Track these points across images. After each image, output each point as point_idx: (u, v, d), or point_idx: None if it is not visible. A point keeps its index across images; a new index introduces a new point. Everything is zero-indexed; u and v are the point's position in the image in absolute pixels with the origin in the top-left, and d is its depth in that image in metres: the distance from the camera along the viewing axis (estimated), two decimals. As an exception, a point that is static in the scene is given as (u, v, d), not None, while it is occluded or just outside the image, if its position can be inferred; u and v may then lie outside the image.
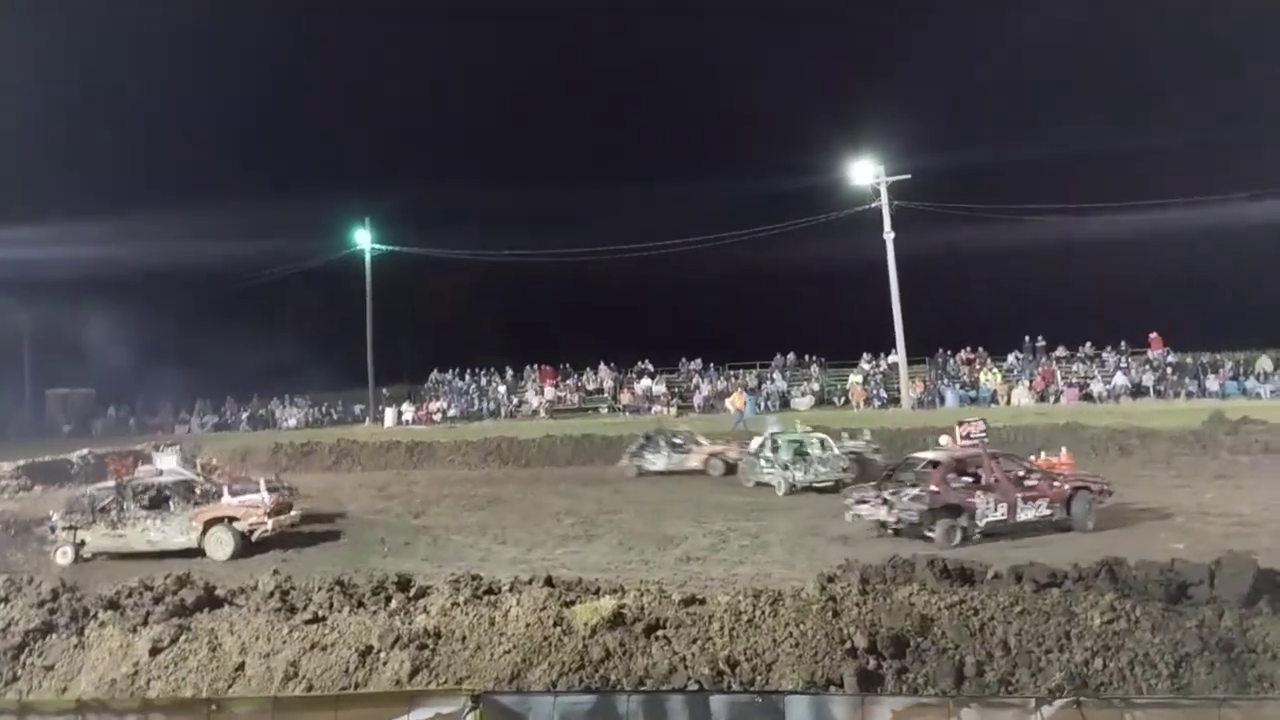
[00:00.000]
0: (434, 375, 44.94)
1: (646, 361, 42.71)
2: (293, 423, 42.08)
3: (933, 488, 15.66)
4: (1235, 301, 37.77)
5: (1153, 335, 38.76)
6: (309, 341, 40.01)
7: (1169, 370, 37.29)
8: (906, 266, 36.87)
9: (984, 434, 18.13)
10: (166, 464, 20.51)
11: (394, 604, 9.34)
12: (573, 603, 8.75)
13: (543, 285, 44.44)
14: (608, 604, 8.38)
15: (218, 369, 39.39)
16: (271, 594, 9.68)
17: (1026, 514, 16.04)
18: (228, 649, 8.72)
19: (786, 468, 22.09)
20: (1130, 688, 6.69)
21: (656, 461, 26.24)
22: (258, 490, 18.21)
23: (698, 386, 40.60)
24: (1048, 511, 16.14)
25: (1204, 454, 24.91)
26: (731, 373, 41.68)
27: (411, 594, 9.59)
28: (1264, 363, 36.63)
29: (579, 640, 7.90)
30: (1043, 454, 21.32)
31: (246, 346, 38.07)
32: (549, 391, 41.81)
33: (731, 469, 24.87)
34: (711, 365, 42.30)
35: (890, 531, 15.88)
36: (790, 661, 7.21)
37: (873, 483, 17.40)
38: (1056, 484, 16.56)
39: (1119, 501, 17.70)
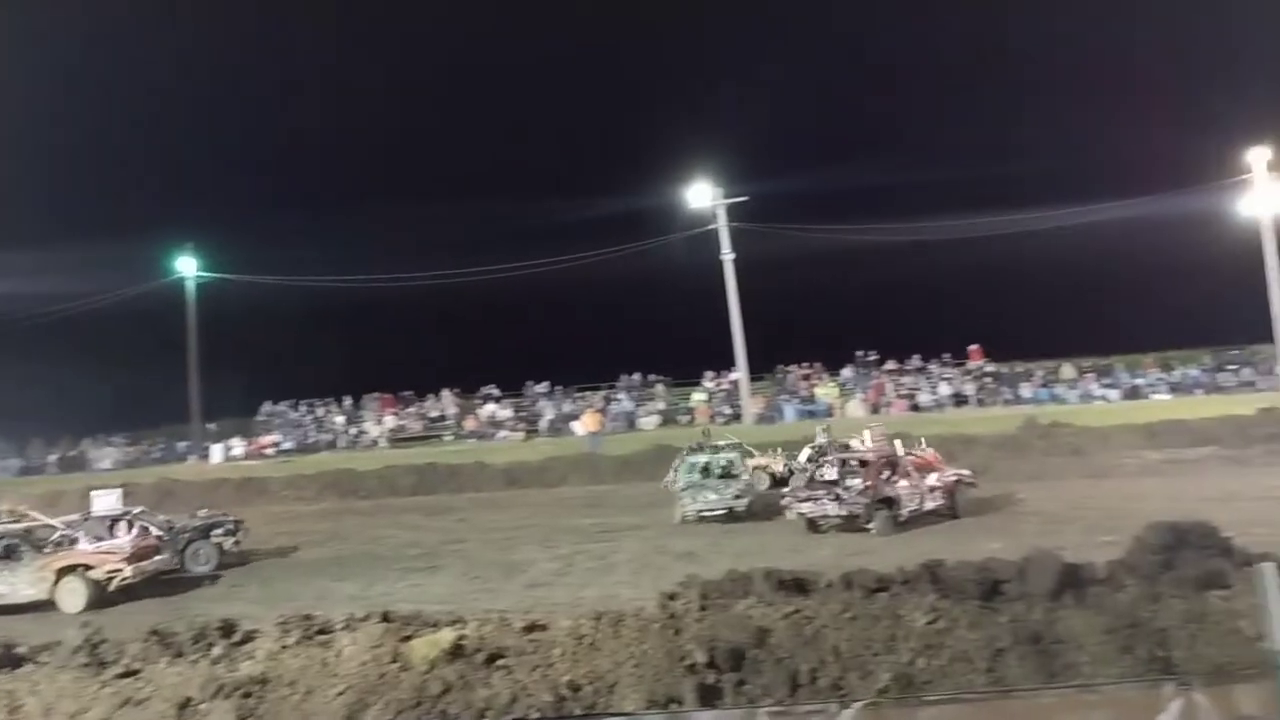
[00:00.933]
0: (266, 407, 42.96)
1: (492, 386, 42.17)
2: (108, 464, 39.33)
3: (870, 482, 17.54)
4: (1043, 314, 40.67)
5: (972, 347, 41.29)
6: (126, 376, 37.48)
7: (988, 380, 39.79)
8: (745, 286, 38.02)
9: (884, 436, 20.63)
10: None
11: (217, 651, 8.81)
12: (411, 637, 8.50)
13: (380, 311, 43.29)
14: (447, 636, 8.18)
15: (18, 411, 36.20)
16: (79, 649, 8.95)
17: (929, 504, 18.18)
18: (29, 711, 8.02)
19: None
20: (950, 684, 7.01)
21: None
22: (125, 533, 17.03)
23: (543, 410, 40.44)
24: (942, 501, 18.41)
25: (1019, 457, 26.63)
26: (578, 395, 41.72)
27: (236, 639, 9.07)
28: (1067, 370, 39.63)
29: (417, 676, 7.67)
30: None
31: (53, 385, 35.29)
32: (389, 420, 40.71)
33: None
34: (558, 388, 42.20)
35: (826, 528, 17.48)
36: (631, 682, 7.22)
37: (804, 483, 19.13)
38: (947, 478, 18.96)
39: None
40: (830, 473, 18.50)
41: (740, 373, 38.39)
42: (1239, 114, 39.73)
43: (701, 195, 37.82)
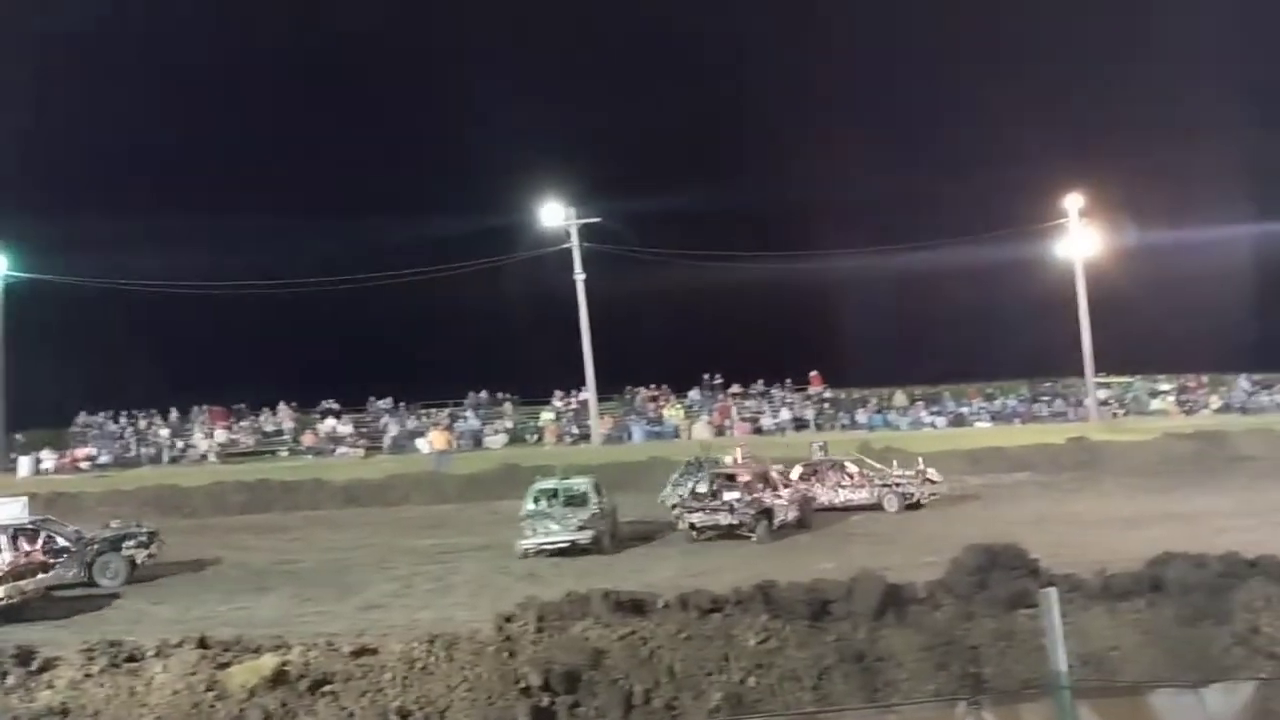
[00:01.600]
0: (82, 418, 39.97)
1: (331, 400, 40.66)
2: (-103, 475, 35.74)
3: (755, 495, 19.06)
4: (878, 344, 42.56)
5: (813, 374, 42.81)
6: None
7: (826, 405, 41.34)
8: (597, 306, 38.23)
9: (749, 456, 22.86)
10: None
11: (11, 680, 8.12)
12: (229, 664, 8.08)
13: (212, 320, 41.14)
14: (269, 662, 7.82)
15: None
16: None
17: (791, 515, 19.75)
18: None
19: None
20: (779, 702, 7.22)
21: None
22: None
23: (387, 426, 39.33)
24: (797, 514, 20.07)
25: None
26: (423, 411, 40.78)
27: (34, 667, 8.38)
28: (900, 398, 41.68)
29: (234, 705, 7.30)
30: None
31: None
32: (220, 434, 38.61)
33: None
34: (402, 404, 41.15)
35: (702, 536, 18.68)
36: (464, 706, 7.09)
37: (693, 495, 20.01)
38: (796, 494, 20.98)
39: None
40: (703, 487, 20.07)
41: (589, 393, 38.49)
42: (1057, 162, 43.00)
43: (554, 214, 37.83)
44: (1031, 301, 40.77)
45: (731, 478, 19.85)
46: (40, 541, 16.79)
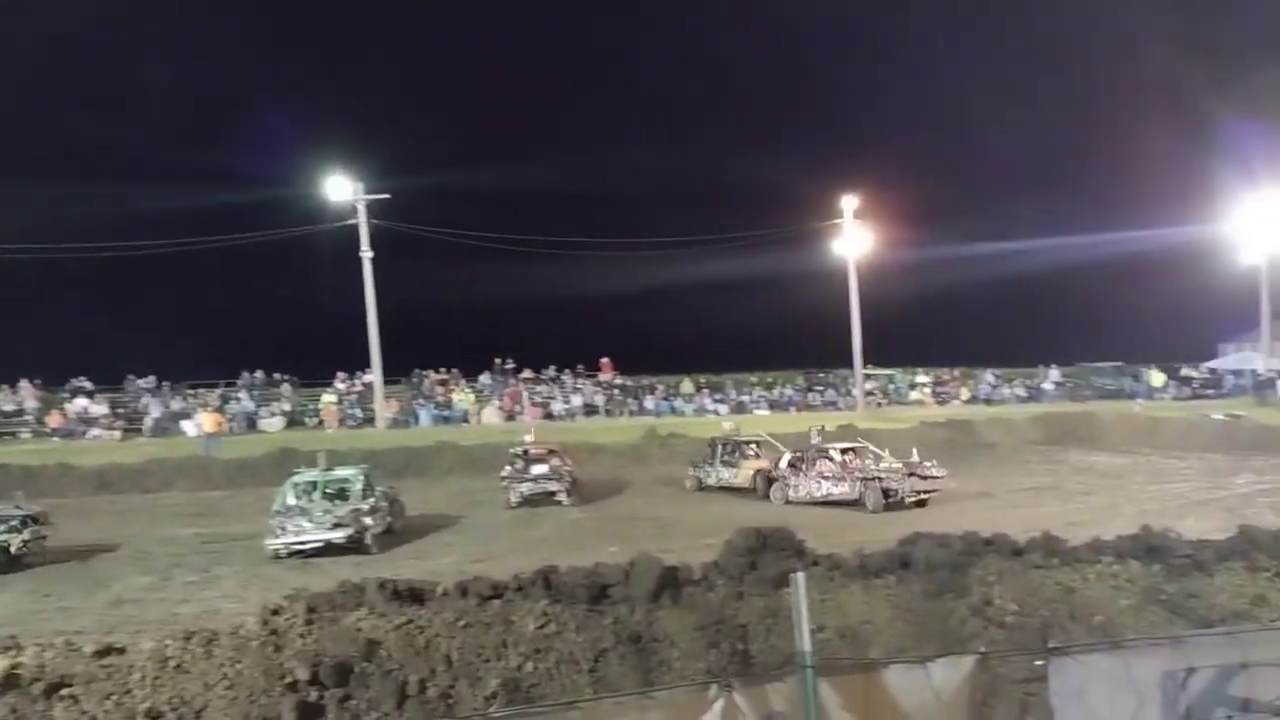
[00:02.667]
0: None
1: (82, 378, 37.21)
2: None
3: (570, 467, 22.33)
4: (665, 333, 43.83)
5: (604, 360, 43.45)
6: None
7: (616, 392, 42.05)
8: (387, 286, 37.05)
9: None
10: None
11: None
12: (-49, 668, 7.27)
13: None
14: (-2, 665, 7.09)
15: None
16: None
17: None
18: None
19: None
20: (556, 686, 7.27)
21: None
22: None
23: (148, 407, 36.47)
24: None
25: (641, 465, 28.45)
26: (190, 392, 38.11)
27: None
28: (686, 386, 43.05)
29: (-43, 713, 6.57)
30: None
31: None
32: (-51, 413, 34.62)
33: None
34: (165, 384, 38.28)
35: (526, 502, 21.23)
36: (223, 705, 6.69)
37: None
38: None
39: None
40: (520, 463, 22.38)
41: (375, 375, 37.29)
42: (838, 163, 45.69)
43: (341, 189, 36.30)
44: (808, 297, 43.25)
45: (540, 455, 22.77)
46: None
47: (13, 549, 15.97)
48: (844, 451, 21.76)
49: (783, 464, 22.16)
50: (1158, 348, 46.29)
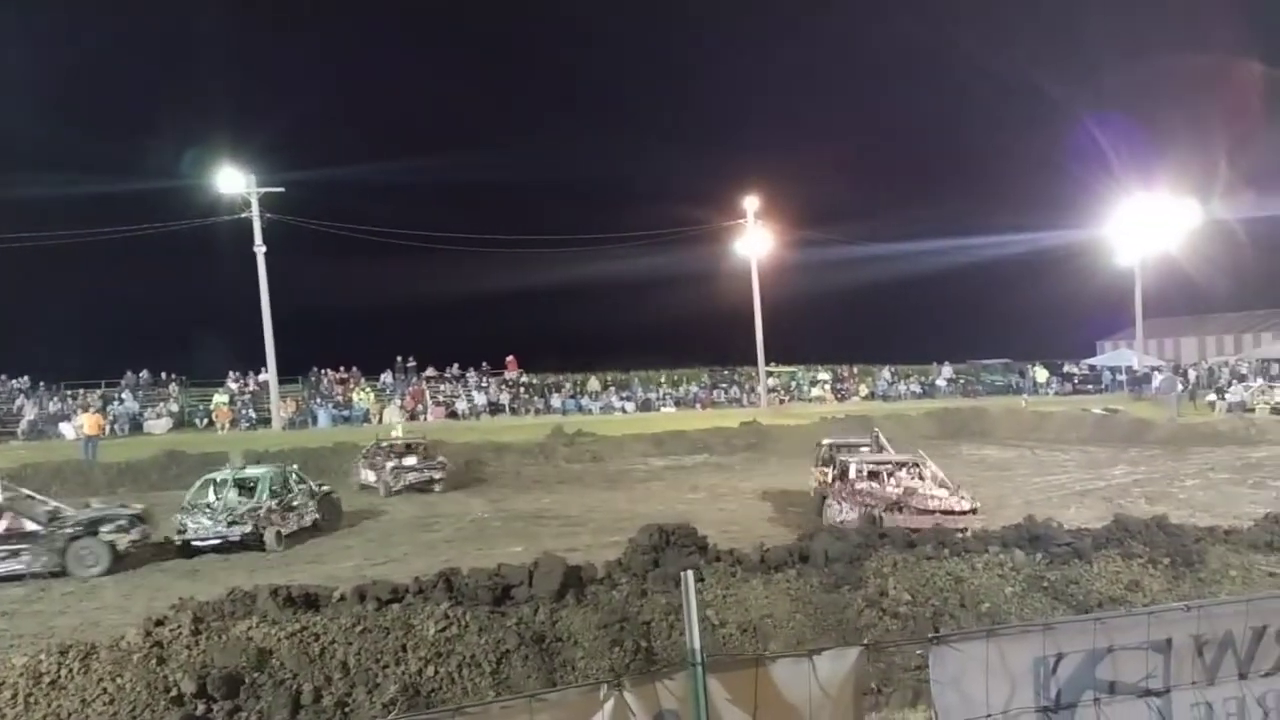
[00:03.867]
0: None
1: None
2: None
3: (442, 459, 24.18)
4: (572, 330, 43.78)
5: (509, 358, 43.13)
6: None
7: (522, 390, 41.77)
8: (283, 282, 36.03)
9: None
10: None
11: None
12: None
13: None
14: None
15: None
16: None
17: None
18: None
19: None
20: (458, 689, 7.19)
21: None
22: None
23: (22, 408, 34.65)
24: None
25: (546, 463, 28.30)
26: (69, 392, 36.35)
27: None
28: (593, 383, 43.06)
29: None
30: None
31: None
32: None
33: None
34: (41, 384, 36.42)
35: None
36: (103, 721, 6.42)
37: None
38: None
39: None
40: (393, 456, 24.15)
41: (270, 374, 36.22)
42: (740, 164, 46.30)
43: (233, 181, 35.11)
44: (712, 295, 43.76)
45: (411, 447, 24.98)
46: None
47: (120, 548, 15.43)
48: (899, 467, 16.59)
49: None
50: (1042, 345, 48.54)
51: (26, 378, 36.37)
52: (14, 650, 8.39)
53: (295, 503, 17.78)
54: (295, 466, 19.63)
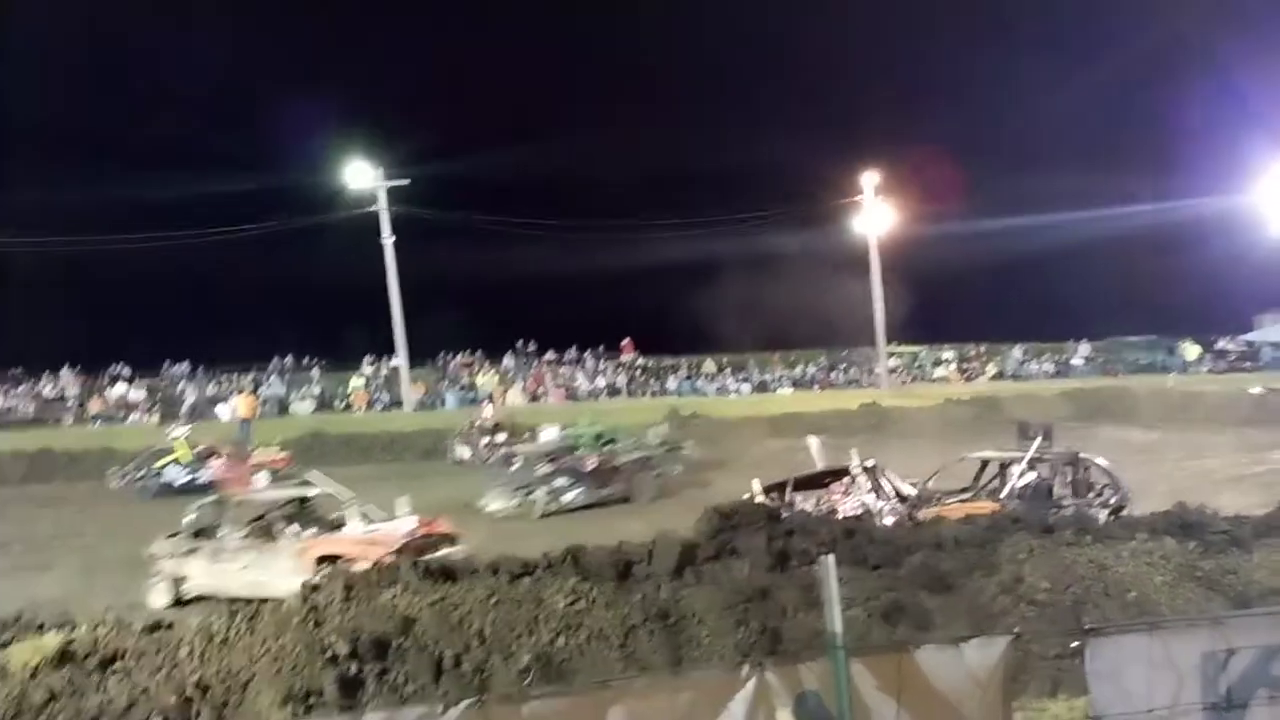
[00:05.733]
0: None
1: (121, 364, 37.86)
2: None
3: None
4: (687, 313, 43.65)
5: (625, 341, 43.55)
6: None
7: (638, 372, 42.17)
8: (408, 271, 37.29)
9: None
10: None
11: None
12: (9, 643, 7.55)
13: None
14: (52, 640, 7.34)
15: None
16: None
17: None
18: None
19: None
20: (588, 661, 7.41)
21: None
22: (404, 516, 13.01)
23: (184, 393, 37.05)
24: None
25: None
26: (223, 377, 38.66)
27: None
28: (709, 366, 43.07)
29: (16, 685, 6.82)
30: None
31: None
32: (-7, 400, 35.32)
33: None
34: (199, 369, 38.83)
35: None
36: (267, 677, 6.89)
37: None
38: None
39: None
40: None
41: (400, 359, 37.62)
42: (858, 139, 45.30)
43: (361, 175, 36.49)
44: (829, 275, 42.91)
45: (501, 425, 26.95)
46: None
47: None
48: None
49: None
50: (1192, 320, 45.50)
51: (186, 363, 38.83)
52: (186, 612, 9.07)
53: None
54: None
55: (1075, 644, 4.20)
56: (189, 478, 22.70)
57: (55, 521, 19.07)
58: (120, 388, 36.66)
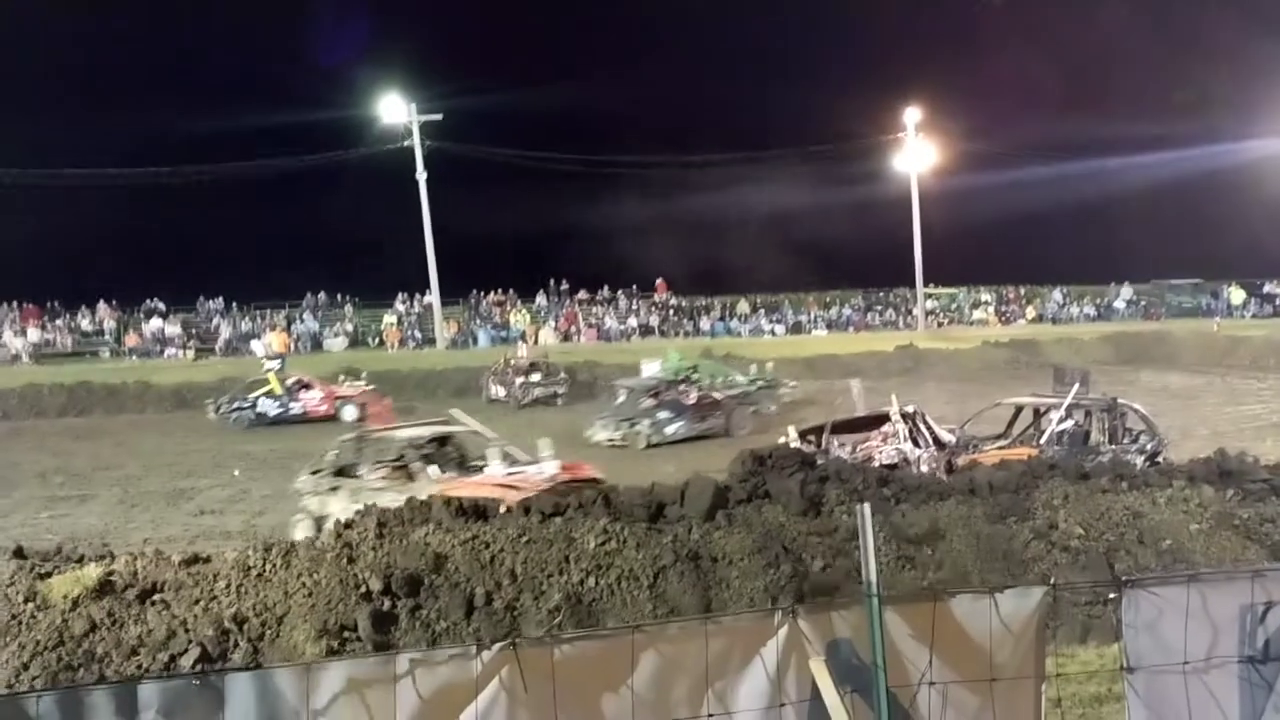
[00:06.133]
0: None
1: (156, 299, 38.28)
2: None
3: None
4: (722, 253, 43.27)
5: (659, 281, 43.30)
6: None
7: (671, 312, 42.00)
8: (443, 208, 37.18)
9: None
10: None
11: None
12: (50, 574, 7.70)
13: (23, 211, 37.70)
14: (92, 572, 7.48)
15: None
16: None
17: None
18: None
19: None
20: (617, 600, 7.46)
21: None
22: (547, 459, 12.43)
23: (218, 327, 37.48)
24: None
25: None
26: (257, 312, 39.02)
27: None
28: (742, 306, 42.78)
29: (57, 615, 6.98)
30: None
31: None
32: (33, 333, 35.91)
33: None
34: (234, 304, 39.20)
35: None
36: (302, 612, 7.00)
37: None
38: None
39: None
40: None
41: (433, 296, 37.73)
42: (900, 75, 44.19)
43: (395, 110, 36.21)
44: (868, 214, 42.27)
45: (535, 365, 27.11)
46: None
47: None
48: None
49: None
50: (1239, 263, 44.34)
51: (221, 299, 39.21)
52: (221, 547, 9.23)
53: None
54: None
55: (1112, 595, 4.14)
56: (280, 410, 23.28)
57: (94, 454, 19.47)
58: (156, 322, 37.13)
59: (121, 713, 2.41)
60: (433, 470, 12.37)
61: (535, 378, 26.42)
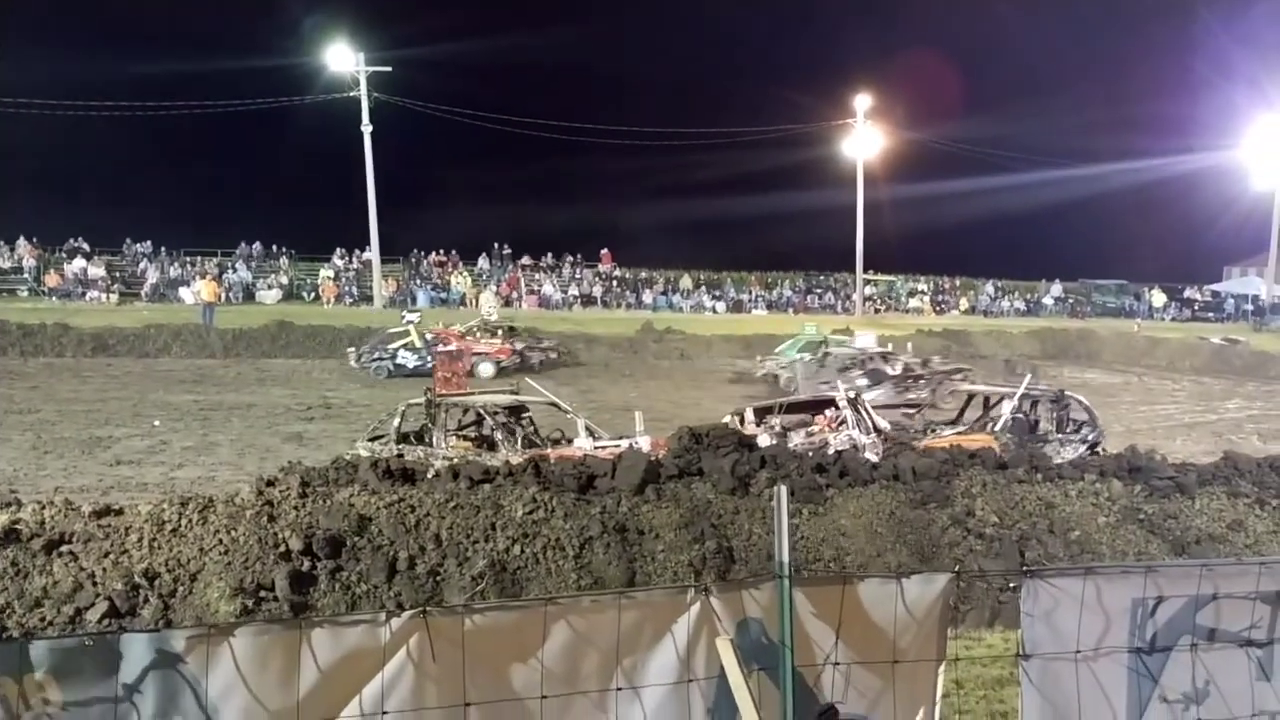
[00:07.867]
0: None
1: (80, 239, 36.95)
2: None
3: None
4: (667, 227, 43.40)
5: (604, 251, 43.16)
6: None
7: (614, 284, 41.92)
8: (385, 163, 36.52)
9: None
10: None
11: None
12: (-47, 521, 7.43)
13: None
14: (-3, 520, 7.24)
15: None
16: None
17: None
18: None
19: None
20: (542, 569, 7.47)
21: None
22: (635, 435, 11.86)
23: (145, 272, 36.36)
24: None
25: (634, 358, 28.58)
26: (188, 259, 37.94)
27: None
28: (685, 281, 42.90)
29: (-42, 563, 6.75)
30: None
31: None
32: (-53, 268, 34.52)
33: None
34: (163, 249, 38.05)
35: None
36: (218, 569, 6.87)
37: None
38: None
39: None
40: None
41: (373, 253, 37.07)
42: (851, 61, 44.44)
43: (343, 59, 35.33)
44: (813, 198, 42.67)
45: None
46: None
47: None
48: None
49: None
50: (1165, 269, 46.09)
51: (149, 242, 38.01)
52: (135, 500, 9.01)
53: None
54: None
55: (1014, 584, 4.27)
56: (419, 362, 23.21)
57: (6, 397, 18.82)
58: (79, 263, 35.82)
59: (7, 670, 2.34)
60: (506, 440, 11.71)
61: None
